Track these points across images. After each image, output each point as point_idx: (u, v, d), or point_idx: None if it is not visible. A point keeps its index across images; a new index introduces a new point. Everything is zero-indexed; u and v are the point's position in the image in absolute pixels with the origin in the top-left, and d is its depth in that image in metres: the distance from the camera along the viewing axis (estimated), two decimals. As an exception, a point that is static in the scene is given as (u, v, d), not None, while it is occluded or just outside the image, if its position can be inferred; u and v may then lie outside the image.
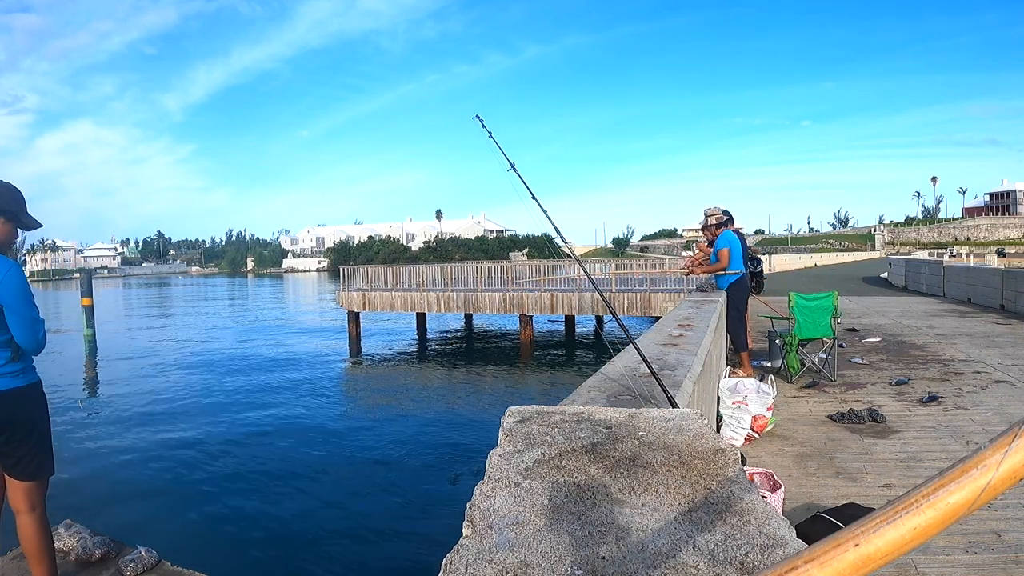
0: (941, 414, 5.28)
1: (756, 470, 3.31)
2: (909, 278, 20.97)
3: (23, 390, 2.62)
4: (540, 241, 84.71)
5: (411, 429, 11.11)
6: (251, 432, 11.06)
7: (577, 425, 1.74)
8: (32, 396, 2.67)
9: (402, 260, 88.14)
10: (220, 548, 6.51)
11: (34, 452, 2.65)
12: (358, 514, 7.41)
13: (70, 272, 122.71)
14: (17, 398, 2.59)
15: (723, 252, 6.73)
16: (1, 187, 2.66)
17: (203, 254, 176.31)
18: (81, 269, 53.09)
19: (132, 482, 8.54)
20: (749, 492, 1.32)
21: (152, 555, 3.28)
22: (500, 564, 1.07)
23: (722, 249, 6.75)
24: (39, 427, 2.69)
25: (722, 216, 7.03)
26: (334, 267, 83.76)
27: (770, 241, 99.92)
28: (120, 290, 76.86)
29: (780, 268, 42.55)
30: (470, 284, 20.54)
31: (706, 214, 7.13)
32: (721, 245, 6.78)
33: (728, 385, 4.78)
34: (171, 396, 14.24)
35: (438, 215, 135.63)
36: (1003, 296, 12.88)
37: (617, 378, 2.67)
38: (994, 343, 8.65)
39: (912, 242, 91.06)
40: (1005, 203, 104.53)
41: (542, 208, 3.09)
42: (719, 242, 6.82)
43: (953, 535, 2.99)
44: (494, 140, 3.08)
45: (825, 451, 4.49)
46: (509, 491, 1.34)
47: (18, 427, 2.59)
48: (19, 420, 2.60)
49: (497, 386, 15.33)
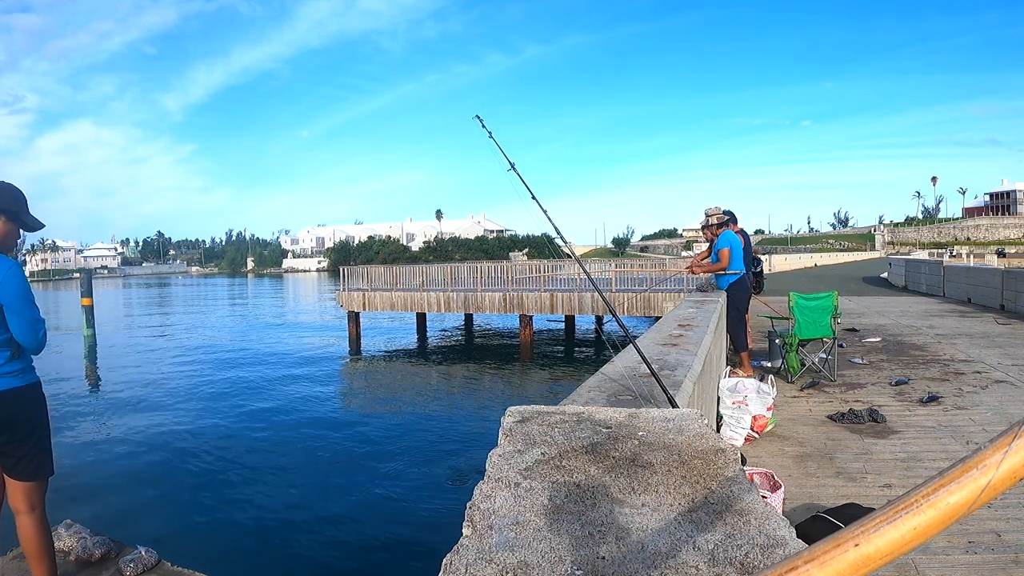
0: (941, 414, 5.28)
1: (756, 470, 3.31)
2: (909, 278, 20.97)
3: (23, 390, 2.62)
4: (540, 241, 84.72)
5: (411, 429, 11.11)
6: (251, 432, 11.06)
7: (577, 425, 1.74)
8: (32, 396, 2.67)
9: (402, 260, 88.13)
10: (220, 548, 6.51)
11: (34, 452, 2.65)
12: (358, 514, 7.41)
13: (70, 272, 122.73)
14: (17, 398, 2.59)
15: (723, 252, 6.74)
16: (2, 187, 2.66)
17: (203, 254, 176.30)
18: (81, 269, 53.09)
19: (132, 482, 8.54)
20: (749, 492, 1.32)
21: (152, 555, 3.28)
22: (500, 564, 1.07)
23: (722, 249, 6.75)
24: (39, 427, 2.69)
25: (723, 216, 7.03)
26: (334, 267, 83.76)
27: (770, 241, 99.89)
28: (120, 290, 76.85)
29: (780, 268, 42.55)
30: (470, 284, 20.55)
31: (707, 214, 7.13)
32: (721, 245, 6.78)
33: (728, 385, 4.78)
34: (171, 396, 14.25)
35: (438, 215, 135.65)
36: (1003, 296, 12.88)
37: (617, 378, 2.67)
38: (994, 343, 8.65)
39: (912, 242, 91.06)
40: (1005, 203, 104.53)
41: (542, 208, 3.09)
42: (719, 242, 6.83)
43: (953, 535, 2.99)
44: (494, 140, 3.08)
45: (825, 451, 4.49)
46: (509, 491, 1.34)
47: (18, 427, 2.59)
48: (19, 420, 2.60)
49: (497, 386, 15.32)
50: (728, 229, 6.94)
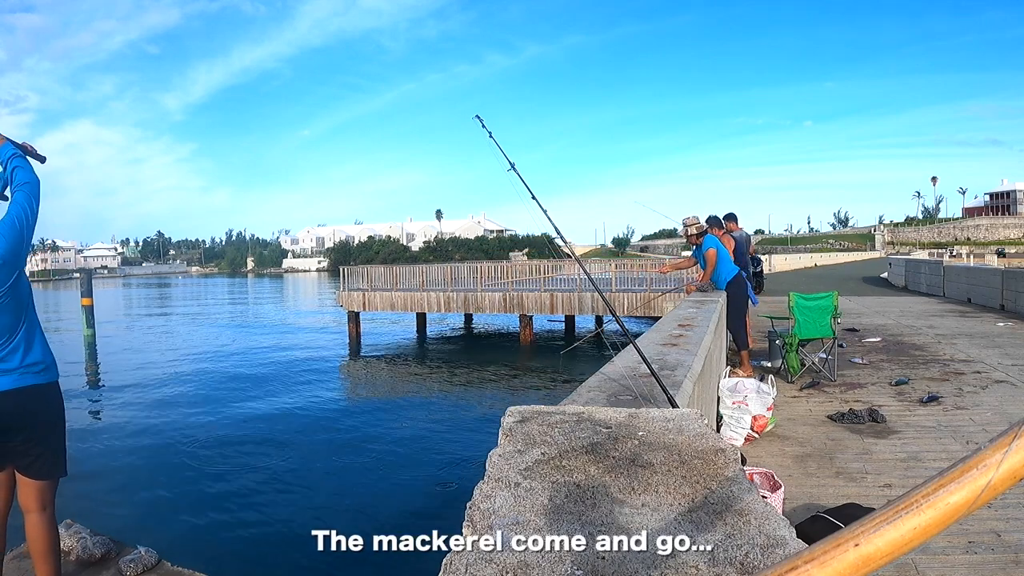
0: (941, 414, 5.28)
1: (756, 470, 3.31)
2: (909, 278, 20.97)
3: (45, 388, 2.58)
4: (540, 241, 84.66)
5: (411, 429, 11.11)
6: (251, 432, 11.07)
7: (577, 425, 1.74)
8: (53, 395, 2.65)
9: (402, 260, 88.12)
10: (220, 548, 6.51)
11: (51, 451, 2.63)
12: (357, 513, 7.41)
13: (70, 272, 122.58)
14: (40, 396, 2.56)
15: (710, 252, 6.92)
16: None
17: (203, 254, 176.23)
18: (81, 269, 53.03)
19: (132, 482, 8.55)
20: (749, 492, 1.32)
21: (152, 555, 3.28)
22: (500, 564, 1.07)
23: (709, 250, 6.93)
24: (59, 425, 2.67)
25: (702, 225, 7.18)
26: (334, 267, 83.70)
27: (770, 241, 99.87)
28: (120, 290, 76.87)
29: (780, 268, 42.54)
30: (470, 284, 20.55)
31: (684, 223, 7.23)
32: (707, 246, 6.96)
33: (728, 385, 4.79)
34: (170, 396, 14.25)
35: (438, 215, 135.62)
36: (1003, 296, 12.88)
37: (617, 378, 2.67)
38: (994, 343, 8.65)
39: (912, 242, 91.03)
40: (1005, 203, 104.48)
41: (542, 208, 3.09)
42: (705, 244, 7.01)
43: (953, 535, 2.99)
44: (494, 140, 3.07)
45: (825, 451, 4.49)
46: (509, 491, 1.34)
47: (39, 426, 2.57)
48: (41, 419, 2.58)
49: (497, 386, 15.33)
50: (710, 233, 7.10)
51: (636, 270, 21.97)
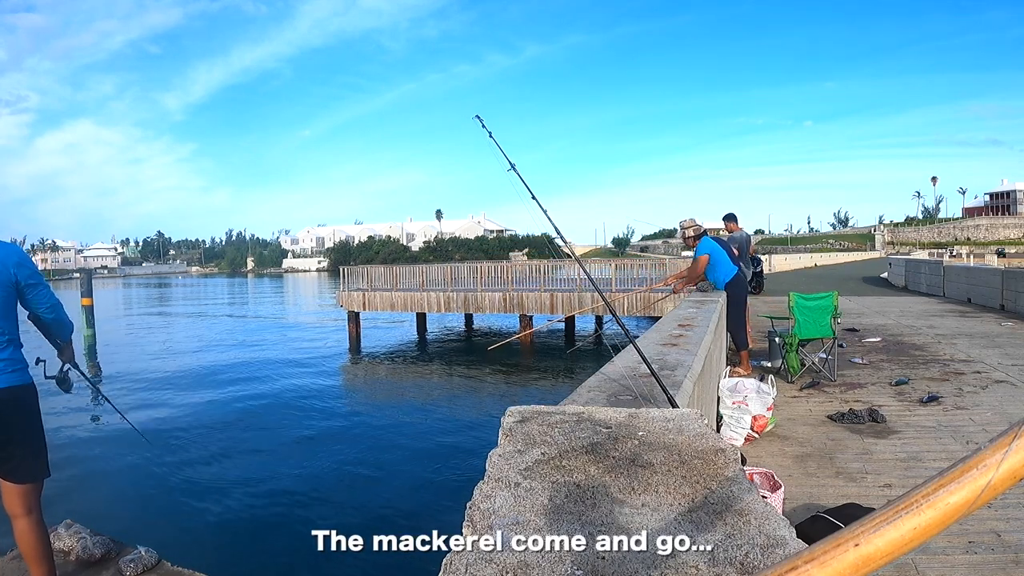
0: (941, 414, 5.28)
1: (756, 470, 3.31)
2: (909, 278, 20.96)
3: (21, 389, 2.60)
4: (540, 241, 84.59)
5: (411, 429, 11.11)
6: (251, 432, 11.07)
7: (577, 425, 1.74)
8: (30, 396, 2.65)
9: (402, 260, 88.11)
10: (220, 548, 6.51)
11: (32, 454, 2.63)
12: (357, 513, 7.41)
13: (70, 272, 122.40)
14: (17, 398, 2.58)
15: (700, 259, 7.05)
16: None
17: (203, 254, 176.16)
18: (81, 269, 52.99)
19: (132, 482, 8.54)
20: (749, 492, 1.32)
21: (152, 555, 3.28)
22: (500, 564, 1.07)
23: (700, 256, 7.05)
24: (36, 427, 2.67)
25: (698, 228, 7.25)
26: (334, 267, 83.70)
27: (770, 241, 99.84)
28: (120, 290, 76.84)
29: (780, 268, 42.52)
30: (470, 284, 20.55)
31: (681, 226, 7.35)
32: (699, 252, 7.07)
33: (728, 385, 4.79)
34: (170, 396, 14.25)
35: (438, 215, 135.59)
36: (1003, 296, 12.88)
37: (617, 378, 2.67)
38: (994, 343, 8.65)
39: (912, 242, 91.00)
40: (1005, 203, 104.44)
41: (542, 208, 3.09)
42: (697, 251, 7.11)
43: (953, 535, 2.99)
44: (494, 140, 3.07)
45: (825, 451, 4.49)
46: (509, 491, 1.34)
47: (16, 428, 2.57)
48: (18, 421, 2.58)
49: (497, 386, 15.33)
50: (707, 236, 7.17)
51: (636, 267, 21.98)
